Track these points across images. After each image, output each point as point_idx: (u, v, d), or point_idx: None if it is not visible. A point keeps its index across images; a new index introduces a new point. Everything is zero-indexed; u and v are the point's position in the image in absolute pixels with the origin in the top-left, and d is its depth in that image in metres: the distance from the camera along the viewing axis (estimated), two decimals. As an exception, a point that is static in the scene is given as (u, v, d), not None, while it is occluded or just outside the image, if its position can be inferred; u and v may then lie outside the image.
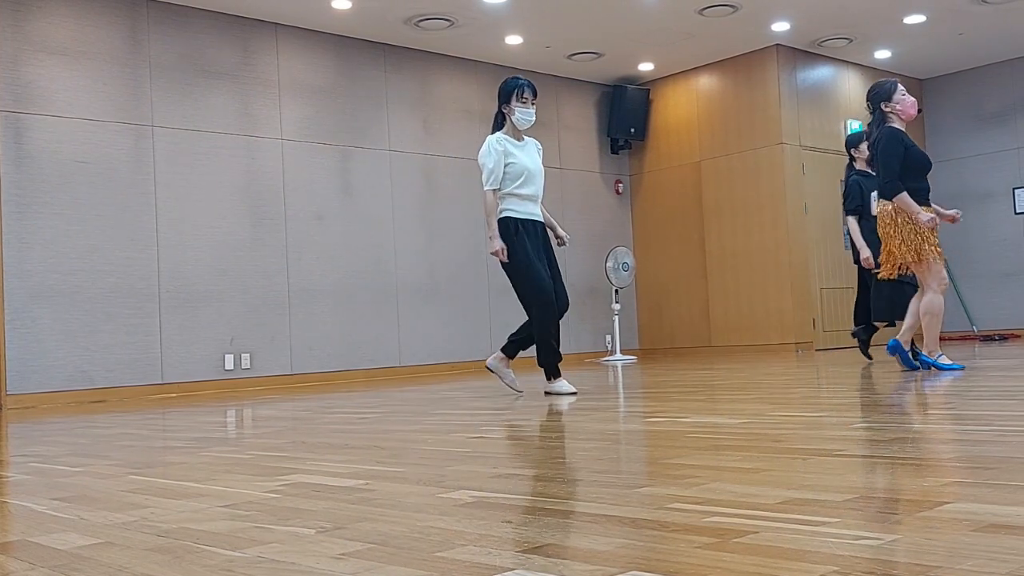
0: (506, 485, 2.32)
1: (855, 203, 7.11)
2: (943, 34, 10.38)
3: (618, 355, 10.68)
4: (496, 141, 5.49)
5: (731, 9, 9.24)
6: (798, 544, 1.55)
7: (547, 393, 5.60)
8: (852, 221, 7.11)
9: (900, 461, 2.37)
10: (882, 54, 11.06)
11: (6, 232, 7.33)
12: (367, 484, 2.47)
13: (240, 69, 8.67)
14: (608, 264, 10.64)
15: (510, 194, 5.47)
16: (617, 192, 11.76)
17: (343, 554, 1.67)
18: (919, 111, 5.79)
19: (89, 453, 3.63)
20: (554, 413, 4.34)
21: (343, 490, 2.39)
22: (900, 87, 5.78)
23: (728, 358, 9.27)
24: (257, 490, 2.47)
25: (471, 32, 9.48)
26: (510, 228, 5.44)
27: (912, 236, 5.58)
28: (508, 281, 11.14)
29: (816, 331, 10.59)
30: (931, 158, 12.32)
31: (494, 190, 5.45)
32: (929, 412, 3.48)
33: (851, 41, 10.49)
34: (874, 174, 6.94)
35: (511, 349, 5.74)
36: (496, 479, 2.43)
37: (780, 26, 9.89)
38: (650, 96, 11.66)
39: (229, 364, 8.34)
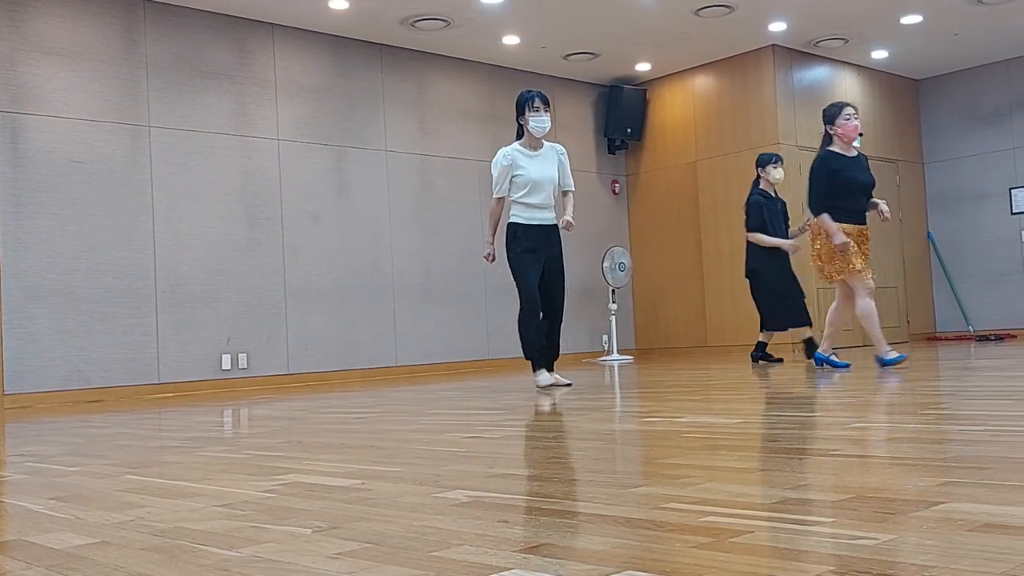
0: (502, 485, 2.33)
1: (757, 222, 7.75)
2: (939, 34, 10.39)
3: (615, 355, 10.69)
4: (504, 155, 6.06)
5: (727, 9, 9.25)
6: (794, 544, 1.55)
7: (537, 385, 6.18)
8: (755, 235, 7.78)
9: (895, 461, 2.38)
10: (878, 54, 11.08)
11: (3, 232, 7.32)
12: (363, 484, 2.47)
13: (236, 69, 8.66)
14: (605, 264, 10.65)
15: (516, 202, 6.05)
16: (614, 192, 11.77)
17: (339, 553, 1.68)
18: (860, 134, 6.31)
19: (85, 453, 3.63)
20: (550, 413, 4.35)
21: (339, 490, 2.40)
22: (847, 111, 6.23)
23: (724, 358, 9.28)
24: (253, 490, 2.47)
25: (467, 32, 9.48)
26: (510, 232, 6.04)
27: (834, 252, 6.15)
28: (505, 281, 11.22)
29: (813, 331, 10.58)
30: (927, 158, 12.37)
31: (499, 199, 6.08)
32: (924, 412, 3.48)
33: (847, 41, 10.50)
34: (773, 196, 7.87)
35: (544, 362, 6.26)
36: (492, 479, 2.43)
37: (776, 26, 9.90)
38: (647, 96, 11.67)
39: (226, 364, 8.34)
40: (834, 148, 6.28)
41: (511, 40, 9.83)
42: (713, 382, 5.92)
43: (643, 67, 11.12)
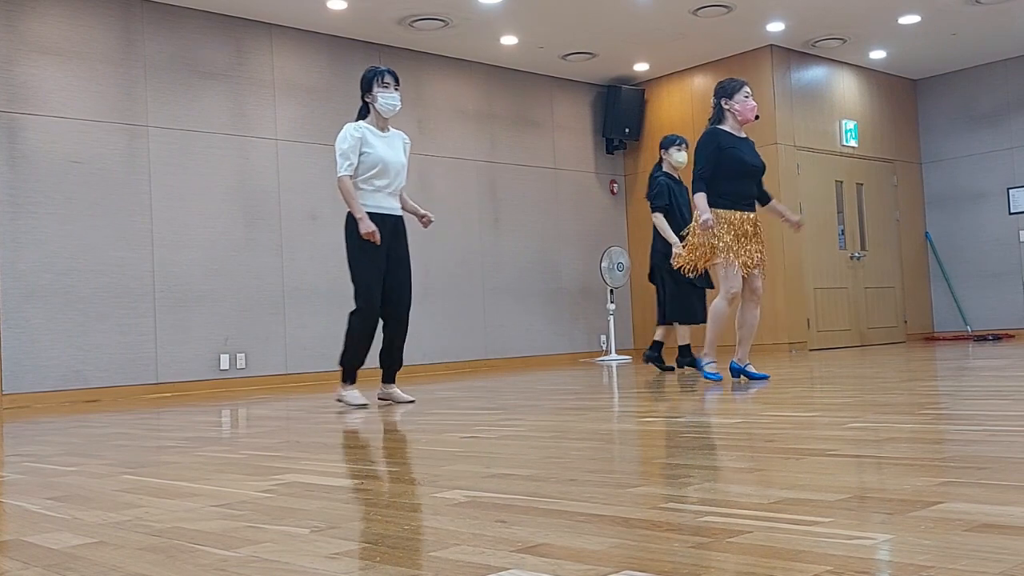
0: (500, 485, 2.33)
1: (663, 201, 7.27)
2: (937, 34, 10.40)
3: (613, 355, 10.69)
4: (354, 128, 5.38)
5: (725, 9, 9.25)
6: (791, 544, 1.55)
7: (339, 400, 5.50)
8: (660, 217, 7.26)
9: (892, 461, 2.38)
10: (876, 54, 11.08)
11: (0, 232, 7.32)
12: (361, 484, 2.47)
13: (234, 69, 8.65)
14: (603, 264, 10.64)
15: (362, 185, 5.37)
16: (612, 192, 11.77)
17: (337, 553, 1.68)
18: (756, 117, 5.82)
19: (83, 453, 3.62)
20: (549, 414, 4.34)
21: (337, 489, 2.39)
22: (746, 89, 5.77)
23: (722, 358, 9.27)
24: (251, 489, 2.47)
25: (465, 32, 9.48)
26: (353, 221, 5.32)
27: (707, 237, 5.56)
28: (503, 281, 11.14)
29: (810, 331, 10.61)
30: (924, 158, 12.36)
31: (349, 176, 5.31)
32: (922, 412, 3.49)
33: (845, 41, 10.50)
34: (678, 179, 7.38)
35: (386, 375, 5.73)
36: (490, 479, 2.43)
37: (774, 26, 9.90)
38: (645, 96, 11.67)
39: (224, 364, 8.33)
40: (723, 126, 5.75)
41: (509, 40, 9.82)
42: (710, 382, 5.92)
43: (641, 67, 11.12)
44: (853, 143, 11.35)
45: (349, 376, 5.48)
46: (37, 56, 7.61)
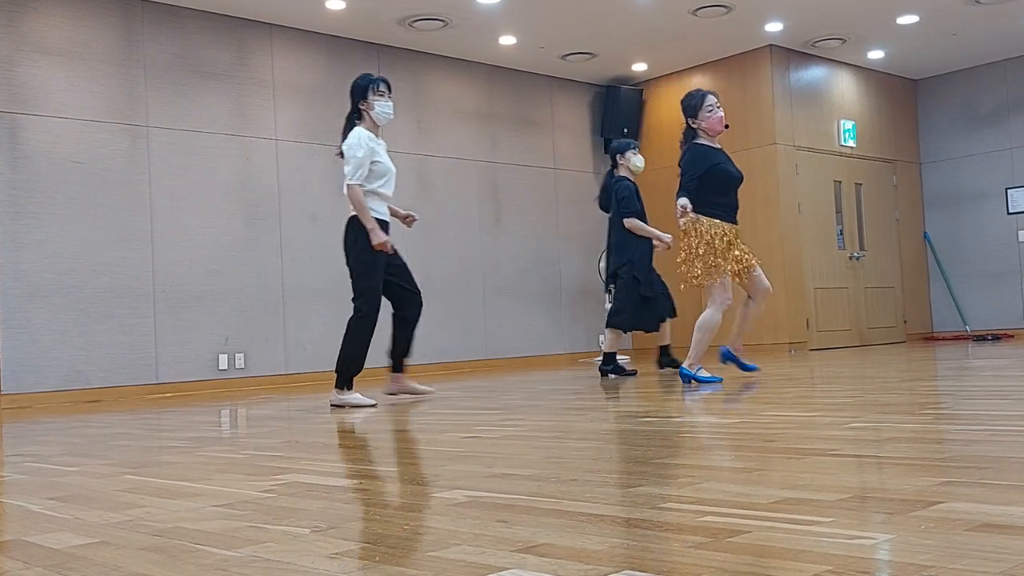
0: (500, 485, 2.33)
1: (634, 207, 7.16)
2: (936, 34, 10.40)
3: (612, 355, 10.67)
4: (368, 136, 5.39)
5: (724, 10, 9.25)
6: (791, 544, 1.56)
7: (335, 406, 5.49)
8: (636, 221, 7.15)
9: (893, 461, 2.38)
10: (875, 54, 11.09)
11: (1, 232, 7.31)
12: (361, 483, 2.48)
13: (234, 69, 8.66)
14: (601, 264, 10.64)
15: (373, 193, 5.40)
16: (611, 192, 11.76)
17: (337, 553, 1.68)
18: (726, 126, 5.72)
19: (84, 453, 3.62)
20: (549, 414, 4.35)
21: (337, 489, 2.40)
22: (709, 101, 5.64)
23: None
24: (252, 489, 2.47)
25: (465, 32, 9.48)
26: (364, 231, 5.38)
27: (706, 251, 5.63)
28: (503, 281, 11.13)
29: (810, 331, 10.61)
30: (924, 158, 12.36)
31: (360, 184, 5.33)
32: (922, 412, 3.49)
33: (844, 41, 10.51)
34: (634, 182, 7.25)
35: (397, 366, 5.81)
36: (490, 479, 2.44)
37: (773, 27, 9.90)
38: (643, 96, 11.67)
39: (223, 364, 8.33)
40: (702, 141, 5.68)
41: (508, 40, 9.82)
42: (711, 384, 5.92)
43: (640, 67, 11.12)
44: (852, 143, 11.35)
45: (349, 381, 5.54)
46: (38, 56, 7.61)
